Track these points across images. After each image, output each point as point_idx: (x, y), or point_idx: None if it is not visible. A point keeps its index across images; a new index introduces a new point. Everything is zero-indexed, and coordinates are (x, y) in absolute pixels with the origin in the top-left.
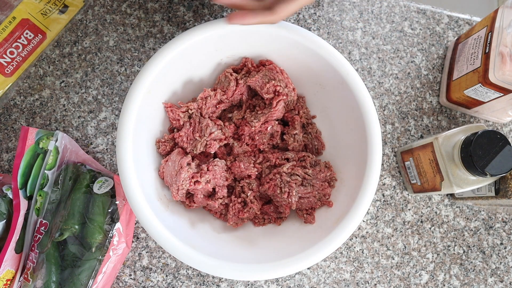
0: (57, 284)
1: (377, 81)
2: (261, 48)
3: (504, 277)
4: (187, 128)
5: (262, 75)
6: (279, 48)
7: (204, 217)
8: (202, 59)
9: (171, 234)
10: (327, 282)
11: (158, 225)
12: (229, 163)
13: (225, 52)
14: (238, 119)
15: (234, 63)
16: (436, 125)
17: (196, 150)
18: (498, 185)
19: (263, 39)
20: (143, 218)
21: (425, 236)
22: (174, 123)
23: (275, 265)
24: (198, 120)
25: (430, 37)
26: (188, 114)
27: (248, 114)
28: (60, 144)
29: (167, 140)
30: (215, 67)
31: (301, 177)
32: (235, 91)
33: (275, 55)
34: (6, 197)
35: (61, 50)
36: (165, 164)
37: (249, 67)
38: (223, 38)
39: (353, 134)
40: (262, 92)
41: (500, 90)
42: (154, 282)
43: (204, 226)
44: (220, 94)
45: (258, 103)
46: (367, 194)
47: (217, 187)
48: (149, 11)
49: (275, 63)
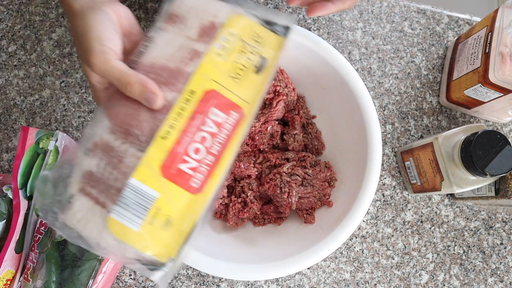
0: (57, 284)
1: (377, 81)
2: None
3: (504, 277)
4: None
5: None
6: None
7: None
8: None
9: None
10: (327, 282)
11: None
12: None
13: None
14: None
15: None
16: (436, 125)
17: None
18: (498, 185)
19: None
20: None
21: (425, 236)
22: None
23: (275, 265)
24: None
25: (430, 37)
26: None
27: None
28: (60, 144)
29: None
30: None
31: (301, 177)
32: None
33: None
34: (6, 197)
35: (61, 50)
36: None
37: None
38: None
39: (353, 134)
40: None
41: (500, 90)
42: (154, 282)
43: (204, 226)
44: None
45: None
46: (367, 194)
47: None
48: (149, 11)
49: None
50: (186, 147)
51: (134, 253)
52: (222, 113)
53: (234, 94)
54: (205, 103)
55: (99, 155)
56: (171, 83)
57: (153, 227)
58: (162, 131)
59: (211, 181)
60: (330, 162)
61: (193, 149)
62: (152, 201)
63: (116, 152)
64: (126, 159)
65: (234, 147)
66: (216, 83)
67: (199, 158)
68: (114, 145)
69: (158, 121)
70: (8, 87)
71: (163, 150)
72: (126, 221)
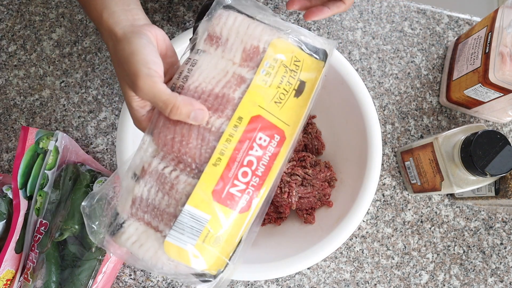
0: (57, 284)
1: (377, 81)
2: None
3: (504, 277)
4: None
5: None
6: None
7: None
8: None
9: None
10: (327, 282)
11: None
12: None
13: None
14: None
15: None
16: (436, 125)
17: None
18: (498, 185)
19: None
20: None
21: (425, 236)
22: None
23: (275, 265)
24: None
25: (430, 37)
26: None
27: None
28: (60, 144)
29: None
30: None
31: (301, 177)
32: None
33: None
34: (6, 197)
35: (61, 50)
36: None
37: None
38: None
39: (353, 134)
40: None
41: (500, 90)
42: (154, 282)
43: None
44: None
45: None
46: (367, 194)
47: None
48: (149, 11)
49: None
50: (235, 172)
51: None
52: (267, 137)
53: (277, 118)
54: (252, 128)
55: (150, 181)
56: (219, 109)
57: (204, 246)
58: (214, 158)
59: (256, 200)
60: (330, 162)
61: (241, 173)
62: (204, 224)
63: (167, 178)
64: (178, 186)
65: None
66: (262, 109)
67: (247, 181)
68: (164, 172)
69: (209, 148)
70: (8, 87)
71: (215, 176)
72: (181, 243)
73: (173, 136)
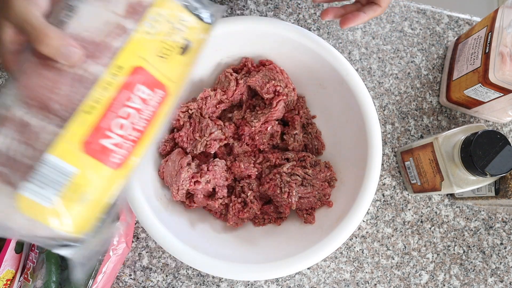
0: (57, 284)
1: (377, 81)
2: (261, 48)
3: (504, 277)
4: (187, 128)
5: (262, 75)
6: (279, 48)
7: (204, 217)
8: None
9: (171, 234)
10: (327, 282)
11: (158, 225)
12: (229, 163)
13: (225, 52)
14: (238, 119)
15: (234, 63)
16: (436, 125)
17: (196, 150)
18: (498, 185)
19: (263, 39)
20: (143, 218)
21: (425, 236)
22: (174, 123)
23: (275, 265)
24: (198, 120)
25: (430, 37)
26: (188, 114)
27: (248, 114)
28: None
29: (167, 140)
30: (215, 67)
31: (301, 177)
32: (235, 91)
33: (275, 55)
34: None
35: None
36: (165, 164)
37: (249, 67)
38: (223, 38)
39: (353, 134)
40: (262, 92)
41: (500, 90)
42: (154, 282)
43: (204, 226)
44: (220, 94)
45: (258, 103)
46: (367, 194)
47: (217, 187)
48: None
49: (275, 63)
50: (110, 122)
51: (46, 230)
52: (148, 89)
53: (160, 73)
54: (132, 79)
55: (10, 131)
56: (96, 56)
57: (68, 203)
58: (86, 105)
59: (133, 157)
60: (330, 162)
61: (117, 125)
62: (69, 177)
63: (31, 128)
64: (43, 135)
65: (158, 124)
66: (144, 61)
67: (123, 134)
68: (28, 121)
69: (81, 95)
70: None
71: (86, 125)
72: (38, 198)
73: (42, 81)
